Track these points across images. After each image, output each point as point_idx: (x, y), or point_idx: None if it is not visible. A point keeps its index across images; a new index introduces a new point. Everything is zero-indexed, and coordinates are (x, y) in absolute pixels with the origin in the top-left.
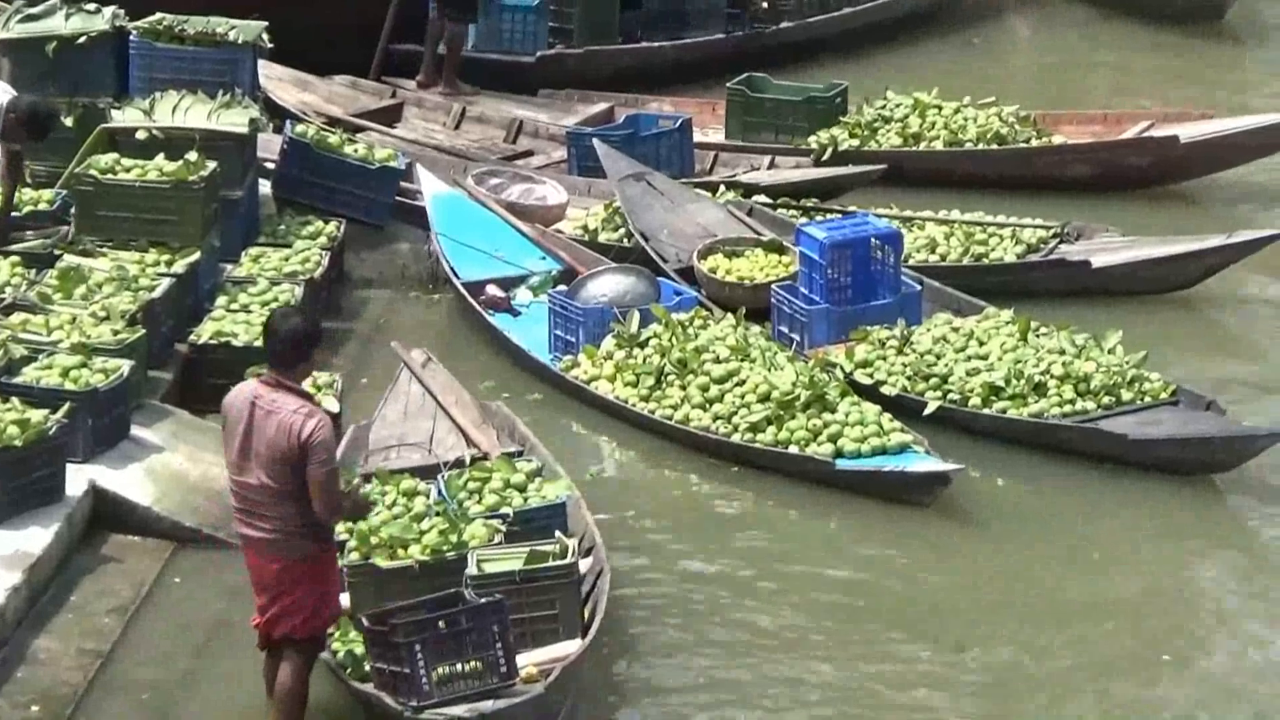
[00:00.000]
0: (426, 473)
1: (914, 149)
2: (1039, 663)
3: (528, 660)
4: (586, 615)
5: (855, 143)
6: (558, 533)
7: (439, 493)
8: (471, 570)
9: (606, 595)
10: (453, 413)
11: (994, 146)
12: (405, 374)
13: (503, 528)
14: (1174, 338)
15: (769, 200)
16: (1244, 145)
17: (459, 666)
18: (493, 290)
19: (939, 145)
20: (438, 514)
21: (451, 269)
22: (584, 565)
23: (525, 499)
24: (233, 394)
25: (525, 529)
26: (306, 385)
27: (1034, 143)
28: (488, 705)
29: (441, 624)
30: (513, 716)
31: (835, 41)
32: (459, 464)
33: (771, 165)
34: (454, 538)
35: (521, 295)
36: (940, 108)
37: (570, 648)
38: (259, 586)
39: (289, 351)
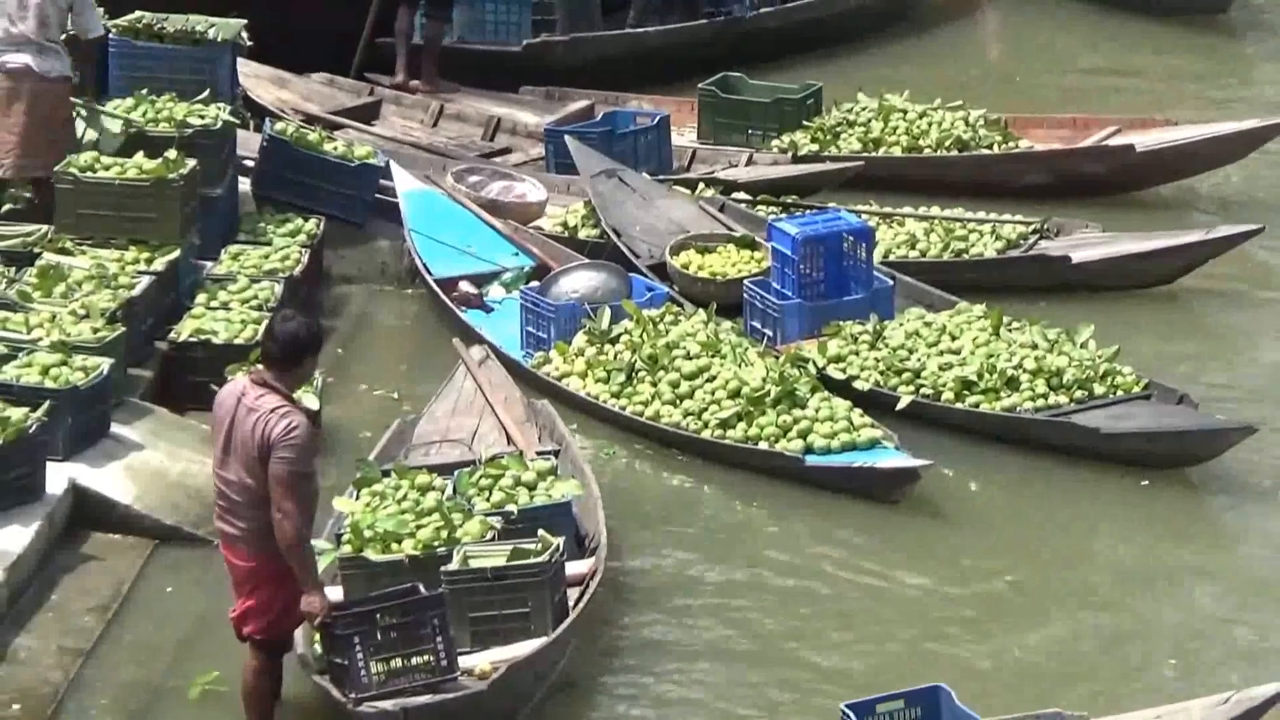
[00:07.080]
0: (461, 469)
1: (873, 154)
2: (1010, 654)
3: (492, 657)
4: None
5: (815, 147)
6: (540, 531)
7: (454, 488)
8: (451, 566)
9: (588, 597)
10: (498, 410)
11: (953, 153)
12: (461, 370)
13: (498, 525)
14: (1153, 332)
15: (748, 197)
16: (1201, 154)
17: (410, 660)
18: (465, 286)
19: (898, 151)
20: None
21: (424, 265)
22: (584, 566)
23: (532, 497)
24: (224, 389)
25: (530, 527)
26: None
27: (997, 148)
28: (416, 700)
29: (379, 617)
30: (443, 712)
31: (820, 31)
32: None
33: (749, 162)
34: (445, 534)
35: (494, 291)
36: (906, 111)
37: (533, 647)
38: (234, 581)
39: (281, 355)
